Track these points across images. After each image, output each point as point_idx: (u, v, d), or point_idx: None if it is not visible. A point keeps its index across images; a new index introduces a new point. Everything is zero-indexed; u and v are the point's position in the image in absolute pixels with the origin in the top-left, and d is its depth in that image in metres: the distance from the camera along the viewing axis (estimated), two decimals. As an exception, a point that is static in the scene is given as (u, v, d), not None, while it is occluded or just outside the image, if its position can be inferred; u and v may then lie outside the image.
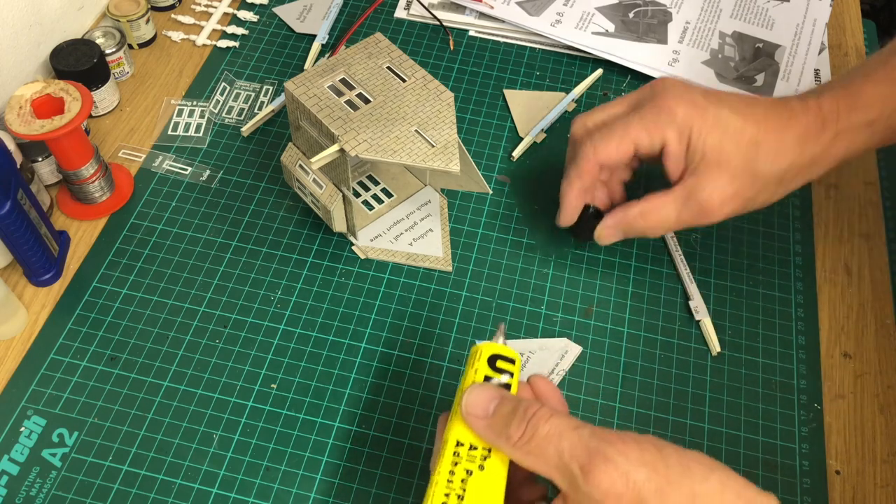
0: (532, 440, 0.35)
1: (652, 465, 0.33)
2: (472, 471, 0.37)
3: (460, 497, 0.36)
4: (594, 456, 0.33)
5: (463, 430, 0.38)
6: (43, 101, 0.57)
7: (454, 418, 0.39)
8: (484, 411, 0.36)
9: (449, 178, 0.61)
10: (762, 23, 0.80)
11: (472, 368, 0.40)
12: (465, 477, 0.37)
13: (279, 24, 0.78)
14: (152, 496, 0.51)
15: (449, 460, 0.37)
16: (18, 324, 0.57)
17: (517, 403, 0.36)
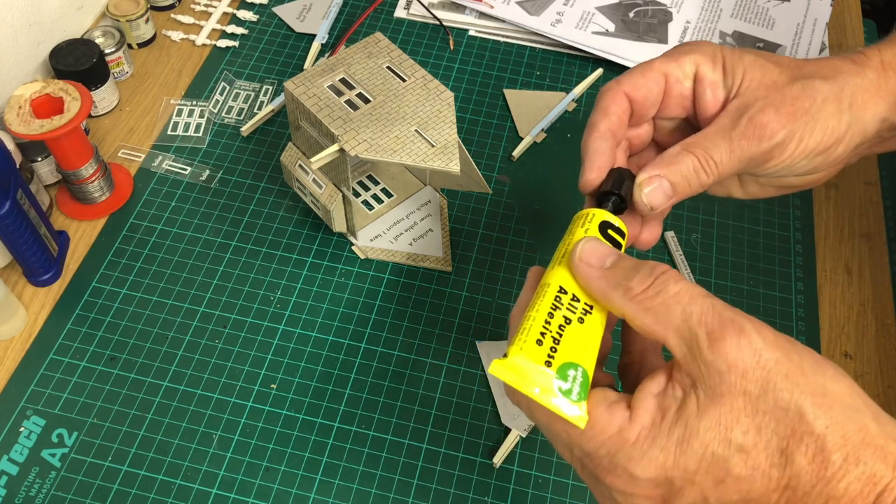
0: (657, 296, 0.32)
1: (786, 351, 0.31)
2: (571, 320, 0.34)
3: (556, 341, 0.34)
4: (727, 325, 0.31)
5: (567, 279, 0.36)
6: (42, 101, 0.57)
7: (557, 266, 0.36)
8: (600, 261, 0.35)
9: (449, 178, 0.61)
10: (762, 22, 0.80)
11: (581, 228, 0.38)
12: (563, 324, 0.34)
13: (279, 23, 0.78)
14: (152, 496, 0.51)
15: (549, 303, 0.35)
16: (18, 324, 0.57)
17: (640, 262, 0.34)
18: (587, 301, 0.35)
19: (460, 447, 0.53)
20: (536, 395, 0.32)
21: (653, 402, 0.32)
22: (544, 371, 0.33)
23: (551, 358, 0.33)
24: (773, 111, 0.41)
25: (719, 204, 0.67)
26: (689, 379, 0.31)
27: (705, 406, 0.30)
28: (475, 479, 0.52)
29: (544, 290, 0.36)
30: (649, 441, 0.31)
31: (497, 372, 0.33)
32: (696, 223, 0.66)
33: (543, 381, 0.33)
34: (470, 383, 0.56)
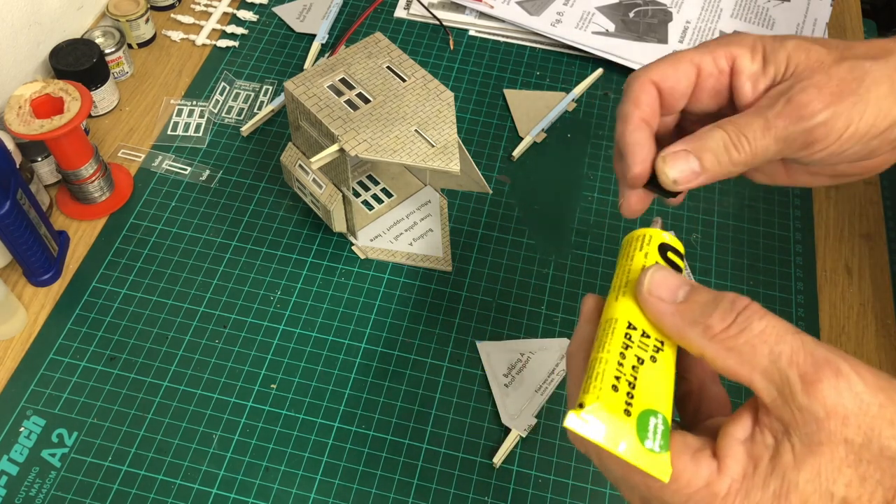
0: (741, 335, 0.29)
1: (888, 394, 0.28)
2: (644, 360, 0.31)
3: (631, 385, 0.30)
4: (822, 366, 0.28)
5: (635, 312, 0.32)
6: (42, 101, 0.57)
7: (622, 297, 0.33)
8: (671, 295, 0.32)
9: (449, 178, 0.61)
10: (763, 22, 0.80)
11: (639, 252, 0.35)
12: (636, 364, 0.31)
13: (279, 23, 0.78)
14: (152, 496, 0.51)
15: (619, 342, 0.31)
16: (18, 324, 0.57)
17: (718, 294, 0.31)
18: (658, 337, 0.32)
19: (460, 447, 0.53)
20: (622, 452, 0.29)
21: (742, 451, 0.29)
22: (625, 422, 0.29)
23: (629, 406, 0.30)
24: (814, 91, 0.38)
25: (719, 204, 0.67)
26: (781, 425, 0.29)
27: (803, 456, 0.28)
28: (475, 479, 0.52)
29: (611, 325, 0.32)
30: (742, 495, 0.29)
31: (573, 426, 0.29)
32: (696, 223, 0.66)
33: (626, 433, 0.29)
34: (470, 383, 0.56)
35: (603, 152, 0.70)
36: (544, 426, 0.55)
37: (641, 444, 0.29)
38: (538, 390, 0.55)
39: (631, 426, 0.29)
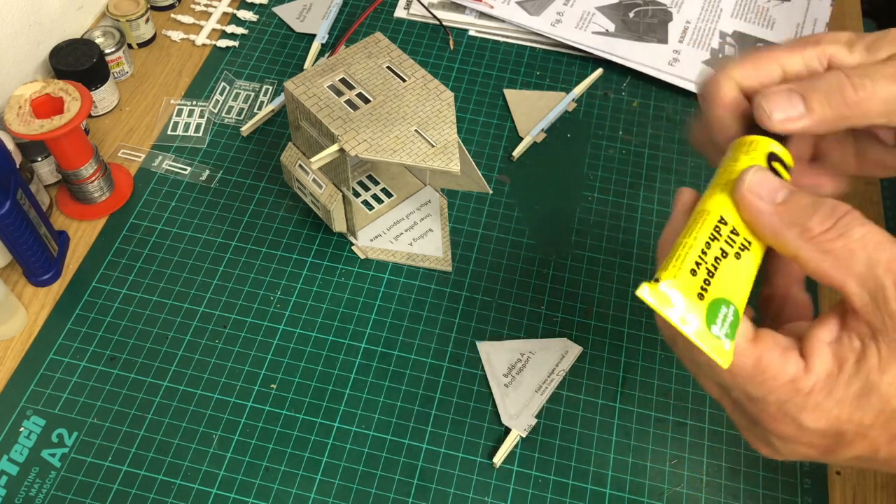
0: (839, 240, 0.29)
1: None
2: (728, 254, 0.32)
3: (710, 273, 0.31)
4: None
5: (729, 209, 0.33)
6: (42, 101, 0.57)
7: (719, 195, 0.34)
8: (771, 195, 0.31)
9: (449, 178, 0.61)
10: (762, 22, 0.80)
11: (745, 156, 0.34)
12: (720, 256, 0.32)
13: (279, 23, 0.78)
14: (152, 496, 0.51)
15: (707, 232, 0.32)
16: (18, 324, 0.57)
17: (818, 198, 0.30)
18: (747, 236, 0.33)
19: (460, 447, 0.53)
20: (688, 332, 0.30)
21: (828, 352, 0.30)
22: (696, 303, 0.31)
23: (704, 291, 0.31)
24: None
25: (719, 204, 0.67)
26: (870, 330, 0.29)
27: (888, 360, 0.28)
28: (475, 479, 0.52)
29: (703, 217, 0.33)
30: (825, 393, 0.29)
31: (646, 296, 0.30)
32: (696, 223, 0.66)
33: (695, 315, 0.31)
34: (470, 383, 0.56)
35: (603, 152, 0.70)
36: (544, 426, 0.55)
37: (708, 328, 0.30)
38: (538, 390, 0.55)
39: (701, 309, 0.31)
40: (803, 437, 0.31)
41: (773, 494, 0.53)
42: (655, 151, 0.70)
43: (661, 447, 0.54)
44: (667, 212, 0.66)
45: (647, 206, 0.66)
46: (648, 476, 0.53)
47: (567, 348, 0.58)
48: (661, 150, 0.70)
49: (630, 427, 0.55)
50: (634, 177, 0.68)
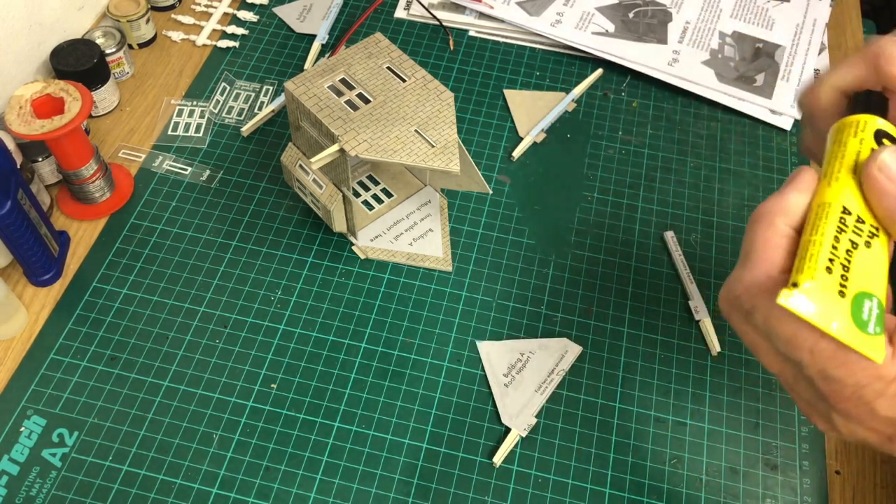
0: None
1: None
2: (858, 245, 0.31)
3: (845, 268, 0.31)
4: None
5: (849, 197, 0.32)
6: (43, 101, 0.57)
7: (836, 183, 0.33)
8: None
9: (449, 178, 0.61)
10: (762, 23, 0.80)
11: (853, 138, 0.34)
12: (850, 248, 0.31)
13: (279, 24, 0.78)
14: (152, 496, 0.51)
15: (834, 225, 0.31)
16: (18, 324, 0.57)
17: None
18: (873, 223, 0.32)
19: (460, 447, 0.54)
20: (835, 331, 0.29)
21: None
22: (839, 302, 0.30)
23: (843, 287, 0.30)
24: None
25: (719, 204, 0.67)
26: None
27: None
28: (475, 479, 0.52)
29: (824, 209, 0.32)
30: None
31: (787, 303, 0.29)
32: (696, 223, 0.66)
33: (840, 313, 0.30)
34: (470, 383, 0.56)
35: (602, 152, 0.70)
36: (544, 426, 0.55)
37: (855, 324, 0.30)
38: (538, 390, 0.55)
39: (845, 307, 0.30)
40: (871, 422, 0.30)
41: (773, 494, 0.53)
42: (655, 151, 0.70)
43: (662, 447, 0.54)
44: (666, 212, 0.66)
45: (647, 206, 0.66)
46: (648, 476, 0.53)
47: (567, 348, 0.58)
48: (661, 150, 0.70)
49: (630, 427, 0.55)
50: (634, 177, 0.68)
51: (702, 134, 0.72)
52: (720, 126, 0.73)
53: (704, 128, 0.73)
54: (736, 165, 0.70)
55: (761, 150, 0.71)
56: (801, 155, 0.71)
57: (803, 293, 0.30)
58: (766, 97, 0.74)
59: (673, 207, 0.67)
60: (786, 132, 0.72)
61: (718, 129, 0.73)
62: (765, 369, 0.58)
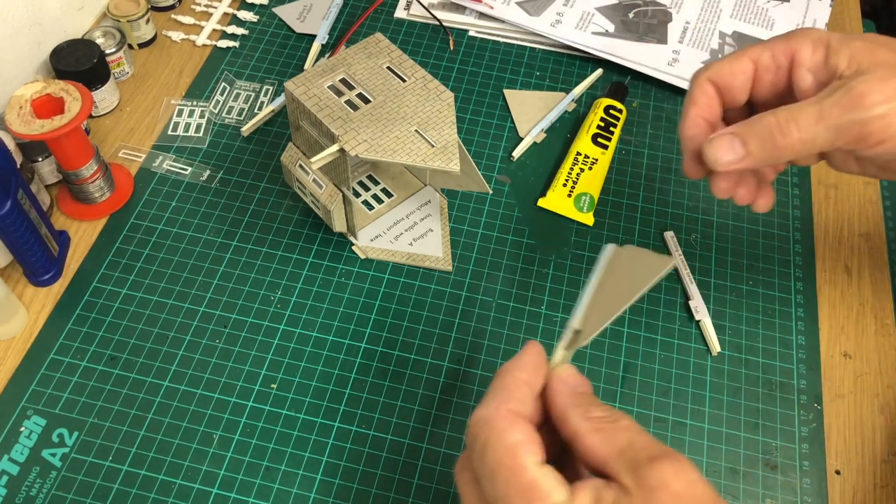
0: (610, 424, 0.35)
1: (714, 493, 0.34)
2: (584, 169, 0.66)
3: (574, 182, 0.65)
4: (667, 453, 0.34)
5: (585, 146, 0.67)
6: (43, 101, 0.57)
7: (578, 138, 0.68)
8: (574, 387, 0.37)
9: (449, 178, 0.61)
10: (762, 23, 0.80)
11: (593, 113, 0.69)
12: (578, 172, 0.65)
13: (279, 24, 0.78)
14: (152, 496, 0.51)
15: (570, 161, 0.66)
16: (18, 324, 0.57)
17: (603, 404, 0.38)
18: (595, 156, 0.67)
19: (460, 447, 0.53)
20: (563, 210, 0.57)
21: (591, 491, 0.33)
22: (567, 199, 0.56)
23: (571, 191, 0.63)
24: (877, 82, 0.38)
25: (719, 204, 0.67)
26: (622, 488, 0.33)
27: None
28: (475, 479, 0.52)
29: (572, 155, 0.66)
30: None
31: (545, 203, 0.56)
32: (696, 223, 0.66)
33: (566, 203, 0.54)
34: (470, 383, 0.56)
35: (603, 152, 0.70)
36: (544, 426, 0.55)
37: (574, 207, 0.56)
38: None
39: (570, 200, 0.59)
40: None
41: (773, 494, 0.53)
42: (655, 151, 0.70)
43: (661, 447, 0.54)
44: (666, 211, 0.66)
45: (647, 206, 0.66)
46: (648, 476, 0.53)
47: None
48: (661, 150, 0.70)
49: (630, 427, 0.55)
50: (634, 177, 0.68)
51: (702, 134, 0.72)
52: (720, 126, 0.73)
53: (704, 128, 0.72)
54: (736, 165, 0.70)
55: (761, 150, 0.71)
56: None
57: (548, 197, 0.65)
58: (766, 97, 0.74)
59: (673, 207, 0.67)
60: (786, 132, 0.72)
61: (718, 129, 0.73)
62: (769, 370, 0.58)
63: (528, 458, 0.33)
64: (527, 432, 0.34)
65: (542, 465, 0.33)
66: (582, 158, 0.66)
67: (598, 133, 0.68)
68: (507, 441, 0.33)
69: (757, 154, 0.40)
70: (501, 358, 0.58)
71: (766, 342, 0.59)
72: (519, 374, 0.37)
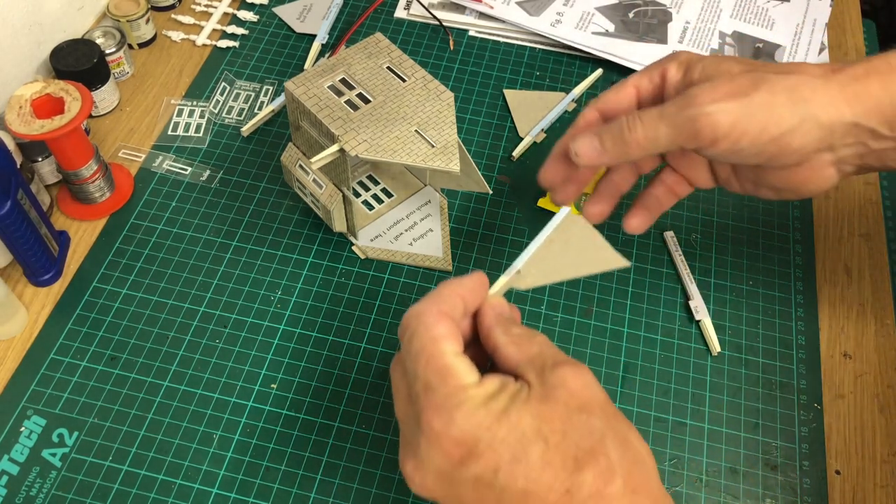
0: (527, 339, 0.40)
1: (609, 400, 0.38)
2: None
3: None
4: (567, 361, 0.38)
5: None
6: (43, 101, 0.57)
7: None
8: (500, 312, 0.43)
9: (449, 178, 0.61)
10: (762, 23, 0.80)
11: None
12: None
13: (279, 24, 0.78)
14: (152, 496, 0.51)
15: None
16: (18, 324, 0.57)
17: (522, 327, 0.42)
18: None
19: (460, 447, 0.53)
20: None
21: (498, 380, 0.38)
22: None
23: None
24: (709, 87, 0.44)
25: (719, 204, 0.67)
26: (527, 384, 0.38)
27: (534, 399, 0.37)
28: (475, 479, 0.52)
29: None
30: (481, 399, 0.36)
31: None
32: (696, 223, 0.66)
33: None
34: (470, 383, 0.56)
35: (603, 152, 0.70)
36: (544, 426, 0.55)
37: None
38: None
39: None
40: (445, 441, 0.36)
41: (773, 494, 0.53)
42: (655, 151, 0.70)
43: (661, 447, 0.54)
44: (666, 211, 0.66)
45: (647, 206, 0.66)
46: (648, 476, 0.53)
47: None
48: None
49: (630, 427, 0.55)
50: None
51: (702, 134, 0.72)
52: (720, 126, 0.73)
53: (704, 128, 0.72)
54: (736, 165, 0.70)
55: (761, 150, 0.71)
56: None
57: (548, 197, 0.55)
58: (766, 97, 0.74)
59: (673, 207, 0.66)
60: (786, 132, 0.72)
61: (718, 129, 0.73)
62: (769, 370, 0.58)
63: (447, 346, 0.38)
64: (450, 328, 0.38)
65: (458, 355, 0.38)
66: None
67: None
68: (432, 332, 0.38)
69: (611, 150, 0.46)
70: (501, 358, 0.58)
71: (766, 342, 0.59)
72: (456, 289, 0.41)
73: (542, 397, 0.37)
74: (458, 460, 0.36)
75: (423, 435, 0.37)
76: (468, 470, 0.36)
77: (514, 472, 0.35)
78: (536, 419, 0.36)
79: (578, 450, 0.35)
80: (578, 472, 0.35)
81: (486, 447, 0.35)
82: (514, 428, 0.35)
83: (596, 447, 0.35)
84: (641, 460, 0.37)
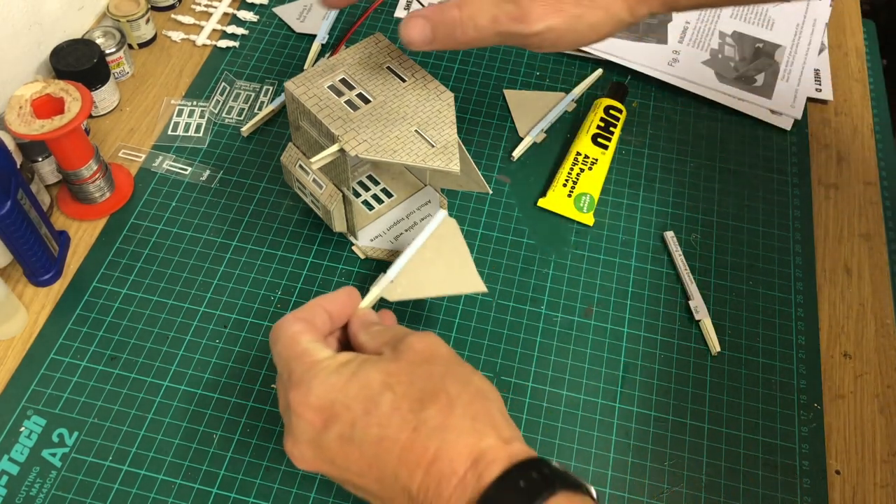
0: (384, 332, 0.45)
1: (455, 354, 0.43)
2: (584, 169, 0.67)
3: (574, 182, 0.66)
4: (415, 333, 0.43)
5: (584, 146, 0.68)
6: (43, 101, 0.57)
7: (579, 139, 0.69)
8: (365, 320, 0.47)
9: (449, 178, 0.61)
10: (762, 23, 0.80)
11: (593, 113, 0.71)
12: (579, 172, 0.66)
13: (279, 24, 0.78)
14: (152, 496, 0.51)
15: (570, 161, 0.67)
16: (18, 324, 0.57)
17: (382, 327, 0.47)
18: (595, 156, 0.68)
19: (460, 447, 0.53)
20: (549, 205, 0.64)
21: (350, 354, 0.42)
22: (567, 199, 0.64)
23: (571, 191, 0.66)
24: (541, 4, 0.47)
25: (719, 204, 0.67)
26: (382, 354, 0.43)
27: (383, 361, 0.41)
28: (475, 479, 0.52)
29: (572, 154, 0.68)
30: (334, 367, 0.41)
31: (545, 204, 0.65)
32: (696, 223, 0.66)
33: (566, 202, 0.62)
34: (470, 383, 0.56)
35: (603, 152, 0.70)
36: (544, 426, 0.55)
37: (574, 207, 0.65)
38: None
39: (570, 200, 0.65)
40: (307, 410, 0.40)
41: (773, 494, 0.53)
42: (655, 151, 0.70)
43: (661, 447, 0.54)
44: (666, 212, 0.66)
45: (647, 206, 0.66)
46: (648, 476, 0.53)
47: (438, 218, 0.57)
48: (661, 150, 0.70)
49: (630, 427, 0.55)
50: (634, 177, 0.68)
51: (702, 134, 0.72)
52: (720, 126, 0.73)
53: (704, 128, 0.73)
54: (736, 165, 0.70)
55: (761, 150, 0.71)
56: (789, 154, 0.71)
57: (548, 197, 0.66)
58: (766, 97, 0.74)
59: (673, 207, 0.67)
60: (786, 132, 0.73)
61: (718, 129, 0.73)
62: (769, 370, 0.58)
63: (303, 337, 0.43)
64: (305, 326, 0.43)
65: (314, 341, 0.43)
66: (582, 158, 0.66)
67: (598, 133, 0.68)
68: (290, 331, 0.43)
69: (440, 41, 0.49)
70: (501, 358, 0.58)
71: (766, 342, 0.59)
72: (321, 303, 0.46)
73: (391, 360, 0.41)
74: (322, 425, 0.40)
75: (292, 412, 0.40)
76: (331, 431, 0.39)
77: (368, 423, 0.39)
78: (383, 374, 0.40)
79: (422, 392, 0.39)
80: (423, 410, 0.39)
81: (342, 406, 0.39)
82: (364, 385, 0.40)
83: (437, 387, 0.40)
84: (483, 395, 0.40)
